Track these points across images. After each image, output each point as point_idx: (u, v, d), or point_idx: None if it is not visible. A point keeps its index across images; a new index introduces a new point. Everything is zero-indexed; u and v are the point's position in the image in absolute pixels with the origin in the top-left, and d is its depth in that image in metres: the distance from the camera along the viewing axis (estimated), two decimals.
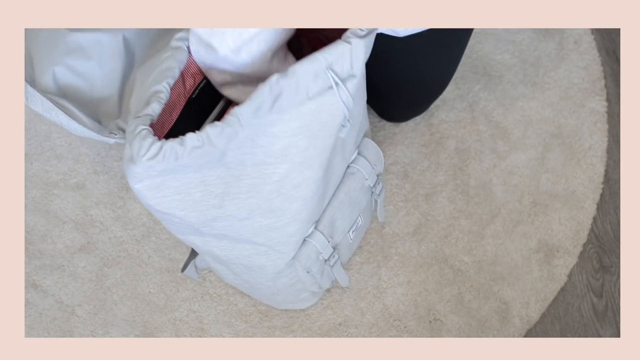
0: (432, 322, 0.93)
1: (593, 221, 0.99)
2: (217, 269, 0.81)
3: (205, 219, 0.65)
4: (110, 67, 0.74)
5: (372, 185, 0.82)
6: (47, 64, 0.73)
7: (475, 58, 1.10)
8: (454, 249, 0.97)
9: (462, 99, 1.07)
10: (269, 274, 0.77)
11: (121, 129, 0.71)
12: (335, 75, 0.62)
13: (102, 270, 0.96)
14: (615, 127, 1.06)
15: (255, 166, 0.63)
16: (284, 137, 0.62)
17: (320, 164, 0.68)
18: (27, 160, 1.04)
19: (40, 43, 0.74)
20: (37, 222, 1.00)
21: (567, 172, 1.02)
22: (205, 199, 0.63)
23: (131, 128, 0.59)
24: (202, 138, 0.58)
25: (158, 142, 0.57)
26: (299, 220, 0.71)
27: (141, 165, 0.58)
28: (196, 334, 0.92)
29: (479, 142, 1.04)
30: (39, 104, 0.70)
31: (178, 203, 0.63)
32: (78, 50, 0.73)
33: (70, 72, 0.73)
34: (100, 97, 0.74)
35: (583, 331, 0.93)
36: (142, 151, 0.57)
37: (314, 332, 0.92)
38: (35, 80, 0.73)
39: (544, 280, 0.95)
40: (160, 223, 0.99)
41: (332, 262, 0.80)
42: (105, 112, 0.74)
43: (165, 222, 0.68)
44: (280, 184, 0.65)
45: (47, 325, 0.93)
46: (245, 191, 0.64)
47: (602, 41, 1.12)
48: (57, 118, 0.70)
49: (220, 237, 0.69)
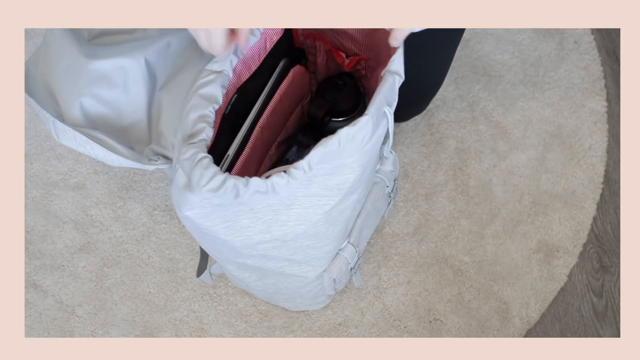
0: (432, 322, 0.93)
1: (593, 221, 0.99)
2: (238, 276, 0.80)
3: (250, 243, 0.65)
4: (135, 92, 0.72)
5: (390, 191, 0.83)
6: (72, 97, 0.70)
7: (475, 58, 1.10)
8: (454, 249, 0.97)
9: (462, 99, 1.07)
10: (299, 282, 0.77)
11: (158, 154, 0.69)
12: (389, 108, 0.62)
13: (102, 270, 0.96)
14: (615, 127, 1.06)
15: (308, 197, 0.62)
16: (342, 175, 0.62)
17: (365, 186, 0.68)
18: (27, 160, 1.04)
19: (60, 76, 0.71)
20: (37, 222, 1.00)
21: (567, 172, 1.02)
22: (253, 225, 0.63)
23: (186, 155, 0.58)
24: (267, 186, 0.57)
25: (221, 175, 0.56)
26: (338, 239, 0.72)
27: (199, 195, 0.57)
28: (196, 334, 0.92)
29: (479, 142, 1.04)
30: (71, 139, 0.67)
31: (225, 230, 0.62)
32: (102, 78, 0.70)
33: (97, 102, 0.71)
34: (129, 123, 0.72)
35: (583, 331, 0.93)
36: (203, 181, 0.56)
37: (314, 332, 0.92)
38: (62, 114, 0.70)
39: (544, 280, 0.95)
40: (161, 223, 0.99)
41: (356, 269, 0.81)
42: (135, 138, 0.72)
43: (203, 241, 0.68)
44: (329, 212, 0.65)
45: (47, 325, 0.93)
46: (294, 219, 0.64)
47: (602, 41, 1.12)
48: (93, 151, 0.67)
49: (259, 257, 0.69)
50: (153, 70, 0.73)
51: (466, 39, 1.11)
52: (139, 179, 1.02)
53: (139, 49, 0.72)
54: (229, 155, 0.70)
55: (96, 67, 0.70)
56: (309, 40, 0.81)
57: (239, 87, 0.70)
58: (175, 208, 0.61)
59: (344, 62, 0.81)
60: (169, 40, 0.73)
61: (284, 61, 0.78)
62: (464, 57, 1.10)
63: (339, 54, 0.81)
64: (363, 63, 0.81)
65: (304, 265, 0.73)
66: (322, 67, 0.85)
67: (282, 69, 0.77)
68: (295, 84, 0.80)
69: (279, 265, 0.72)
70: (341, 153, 0.60)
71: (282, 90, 0.77)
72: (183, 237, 0.98)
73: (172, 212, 0.99)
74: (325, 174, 0.61)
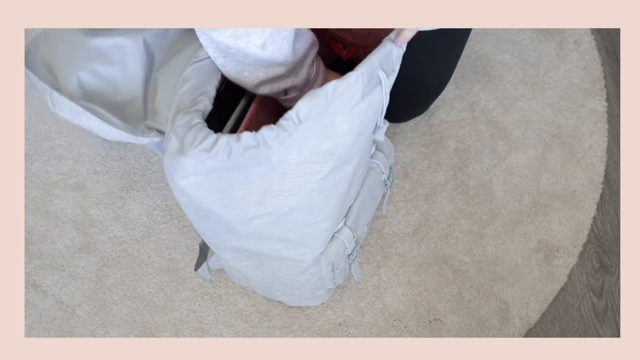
0: (432, 322, 0.93)
1: (593, 221, 0.99)
2: (236, 267, 0.80)
3: (245, 217, 0.65)
4: (133, 70, 0.74)
5: (386, 178, 0.83)
6: (70, 71, 0.72)
7: (475, 58, 1.10)
8: (454, 249, 0.97)
9: (462, 99, 1.07)
10: (296, 268, 0.77)
11: (152, 128, 0.71)
12: (383, 73, 0.62)
13: (102, 270, 0.96)
14: (615, 127, 1.06)
15: (301, 164, 0.62)
16: (333, 137, 0.62)
17: (359, 158, 0.68)
18: (27, 160, 1.04)
19: (60, 51, 0.73)
20: (37, 222, 1.00)
21: (567, 172, 1.02)
22: (247, 196, 0.63)
23: (182, 122, 0.58)
24: (258, 139, 0.58)
25: (213, 135, 0.57)
26: (333, 215, 0.72)
27: (192, 157, 0.57)
28: (196, 334, 0.92)
29: (479, 142, 1.04)
30: (67, 110, 0.69)
31: (219, 202, 0.63)
32: (100, 55, 0.73)
33: (95, 77, 0.73)
34: (124, 100, 0.74)
35: (583, 331, 0.93)
36: (197, 142, 0.57)
37: (314, 332, 0.92)
38: (59, 87, 0.73)
39: (544, 280, 0.95)
40: (160, 223, 0.99)
41: (354, 256, 0.81)
42: (131, 115, 0.74)
43: (199, 218, 0.67)
44: (323, 182, 0.65)
45: (47, 325, 0.93)
46: (288, 189, 0.64)
47: (602, 41, 1.12)
48: (88, 122, 0.69)
49: (255, 237, 0.69)
50: (151, 50, 0.74)
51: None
52: (139, 179, 1.02)
53: (139, 30, 0.74)
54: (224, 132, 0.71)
55: (95, 44, 0.72)
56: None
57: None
58: (169, 180, 0.61)
59: (341, 52, 0.82)
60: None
61: None
62: (464, 57, 1.10)
63: (337, 45, 0.81)
64: (361, 52, 0.81)
65: (300, 247, 0.72)
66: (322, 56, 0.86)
67: None
68: None
69: (275, 248, 0.72)
70: (330, 108, 0.59)
71: None
72: (183, 237, 0.98)
73: (172, 212, 0.99)
74: (316, 136, 0.61)
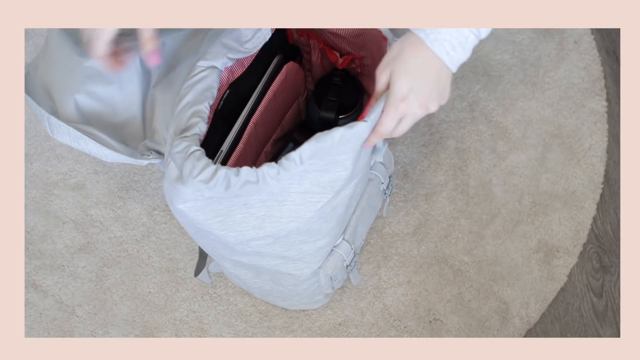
0: (432, 322, 0.93)
1: (593, 221, 0.99)
2: (235, 274, 0.80)
3: (243, 239, 0.65)
4: (130, 89, 0.72)
5: (385, 188, 0.83)
6: (67, 93, 0.71)
7: (475, 58, 1.10)
8: (454, 249, 0.97)
9: (462, 99, 1.07)
10: (294, 280, 0.77)
11: (151, 149, 0.70)
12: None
13: (102, 270, 0.96)
14: (615, 127, 1.06)
15: (300, 194, 0.62)
16: (334, 172, 0.62)
17: (357, 180, 0.68)
18: (27, 160, 1.04)
19: (56, 73, 0.72)
20: (37, 222, 1.00)
21: (567, 172, 1.02)
22: (246, 220, 0.63)
23: (179, 148, 0.58)
24: (258, 175, 0.57)
25: (212, 166, 0.56)
26: (331, 235, 0.72)
27: (191, 186, 0.57)
28: (196, 334, 0.92)
29: (479, 142, 1.04)
30: (65, 135, 0.68)
31: (218, 225, 0.62)
32: (96, 75, 0.71)
33: (92, 99, 0.71)
34: (123, 120, 0.73)
35: (583, 331, 0.93)
36: (195, 172, 0.56)
37: (314, 332, 0.92)
38: (57, 111, 0.71)
39: (544, 280, 0.95)
40: (160, 223, 0.99)
41: (352, 266, 0.81)
42: (130, 135, 0.72)
43: (198, 236, 0.68)
44: (322, 210, 0.65)
45: (47, 325, 0.93)
46: (287, 216, 0.64)
47: (602, 41, 1.12)
48: (87, 146, 0.68)
49: (253, 254, 0.69)
50: (147, 68, 0.73)
51: None
52: (139, 179, 1.02)
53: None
54: (223, 150, 0.71)
55: (91, 64, 0.71)
56: (302, 37, 0.82)
57: (232, 82, 0.71)
58: (168, 202, 0.61)
59: (337, 60, 0.82)
60: (164, 40, 0.74)
61: (278, 58, 0.78)
62: None
63: (332, 53, 0.81)
64: (357, 61, 0.81)
65: (298, 262, 0.73)
66: (318, 65, 0.86)
67: (276, 65, 0.78)
68: (289, 80, 0.80)
69: (274, 264, 0.72)
70: (334, 151, 0.59)
71: (275, 87, 0.77)
72: (183, 237, 0.98)
73: (172, 212, 1.00)
74: (318, 170, 0.61)
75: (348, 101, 0.84)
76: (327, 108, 0.83)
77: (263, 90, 0.76)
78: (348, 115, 0.84)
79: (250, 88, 0.75)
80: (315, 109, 0.84)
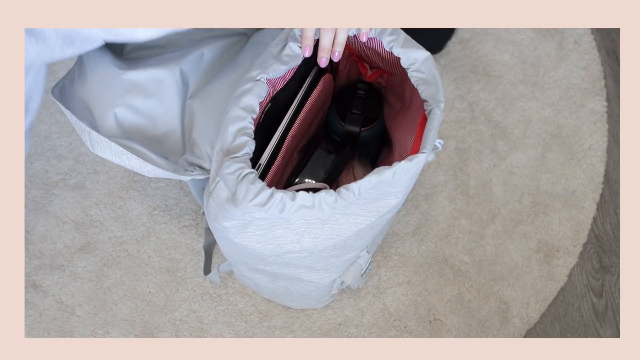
0: (432, 322, 0.93)
1: (593, 221, 0.99)
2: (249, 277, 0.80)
3: (279, 252, 0.65)
4: (170, 102, 0.71)
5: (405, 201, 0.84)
6: (106, 107, 0.69)
7: (475, 58, 1.10)
8: (454, 249, 0.97)
9: (462, 99, 1.07)
10: (312, 287, 0.78)
11: (193, 164, 0.68)
12: (439, 141, 0.64)
13: (102, 270, 0.96)
14: (615, 127, 1.06)
15: (345, 215, 0.63)
16: (385, 200, 0.63)
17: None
18: (27, 160, 1.04)
19: (94, 88, 0.70)
20: (37, 222, 1.00)
21: (567, 172, 1.02)
22: (285, 234, 0.63)
23: (230, 170, 0.57)
24: (314, 201, 0.58)
25: (267, 190, 0.56)
26: (360, 249, 0.72)
27: (243, 209, 0.57)
28: (196, 334, 0.92)
29: (479, 142, 1.04)
30: (107, 150, 0.67)
31: (257, 238, 0.62)
32: (136, 88, 0.70)
33: (132, 112, 0.70)
34: (163, 133, 0.71)
35: (583, 331, 0.93)
36: (250, 196, 0.56)
37: (314, 332, 0.92)
38: (97, 126, 0.69)
39: (544, 280, 0.95)
40: (161, 223, 0.99)
41: (366, 273, 0.81)
42: (169, 149, 0.71)
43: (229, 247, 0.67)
44: (362, 230, 0.66)
45: (47, 325, 0.93)
46: (327, 234, 0.64)
47: (602, 41, 1.12)
48: (129, 162, 0.66)
49: (282, 265, 0.69)
50: (186, 79, 0.72)
51: (466, 39, 1.11)
52: (139, 178, 1.02)
53: (175, 59, 0.72)
54: (261, 164, 0.69)
55: (130, 77, 0.70)
56: None
57: (273, 96, 0.69)
58: (211, 219, 0.61)
59: (367, 73, 0.81)
60: (203, 51, 0.73)
61: (315, 69, 0.76)
62: (464, 57, 1.10)
63: (364, 65, 0.80)
64: (385, 77, 0.81)
65: (322, 272, 0.73)
66: (344, 74, 0.84)
67: (314, 77, 0.76)
68: (324, 92, 0.79)
69: (297, 272, 0.72)
70: (393, 184, 0.60)
71: (312, 99, 0.76)
72: (183, 237, 0.98)
73: (172, 212, 0.99)
74: (370, 198, 0.61)
75: (371, 114, 0.83)
76: (352, 122, 0.82)
77: (301, 103, 0.75)
78: (370, 127, 0.83)
79: (287, 100, 0.73)
80: (338, 122, 0.83)
